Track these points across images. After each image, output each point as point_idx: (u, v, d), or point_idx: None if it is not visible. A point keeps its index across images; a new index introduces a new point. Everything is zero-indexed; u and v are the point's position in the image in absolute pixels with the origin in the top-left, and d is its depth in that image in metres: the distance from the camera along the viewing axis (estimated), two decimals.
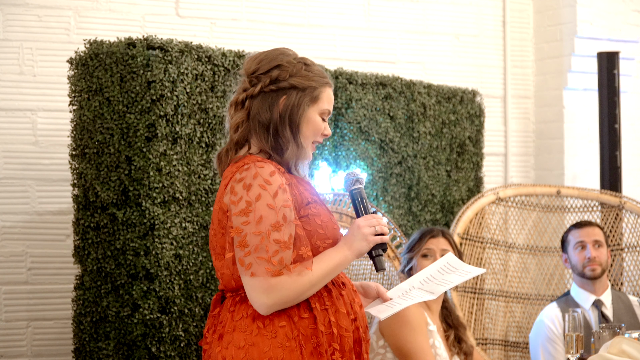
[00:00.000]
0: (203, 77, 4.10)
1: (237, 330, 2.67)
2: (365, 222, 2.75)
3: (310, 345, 2.66)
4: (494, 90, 6.00)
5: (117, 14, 4.90)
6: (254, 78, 2.76)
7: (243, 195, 2.62)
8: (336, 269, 2.71)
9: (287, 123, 2.74)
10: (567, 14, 5.94)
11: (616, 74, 5.42)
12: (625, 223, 5.17)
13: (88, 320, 4.07)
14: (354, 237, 2.73)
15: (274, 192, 2.63)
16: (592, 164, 5.95)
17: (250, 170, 2.65)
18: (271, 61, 2.76)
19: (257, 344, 2.64)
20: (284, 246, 2.61)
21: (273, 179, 2.64)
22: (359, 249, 2.73)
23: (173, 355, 3.96)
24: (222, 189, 2.70)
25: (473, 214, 5.02)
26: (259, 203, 2.61)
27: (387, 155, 4.89)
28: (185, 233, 4.03)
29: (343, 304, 2.74)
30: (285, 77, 2.75)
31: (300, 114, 2.75)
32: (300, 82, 2.75)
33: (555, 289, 5.16)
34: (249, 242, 2.60)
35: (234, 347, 2.65)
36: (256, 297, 2.62)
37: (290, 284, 2.62)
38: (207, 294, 4.07)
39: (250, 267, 2.60)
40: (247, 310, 2.68)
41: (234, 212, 2.63)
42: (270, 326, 2.65)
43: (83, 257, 4.09)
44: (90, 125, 4.05)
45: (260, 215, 2.60)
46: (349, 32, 5.53)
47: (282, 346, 2.63)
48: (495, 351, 5.00)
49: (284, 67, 2.76)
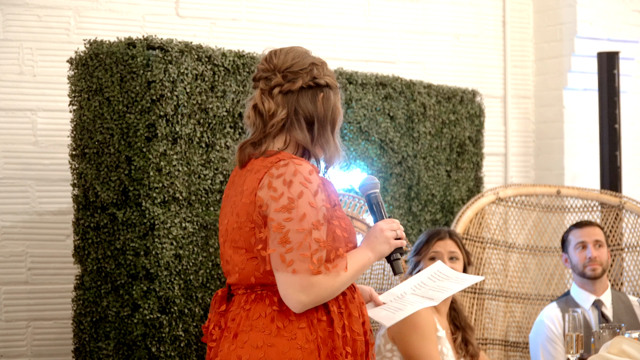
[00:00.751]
0: (203, 77, 4.10)
1: (254, 330, 2.65)
2: (387, 226, 2.78)
3: (327, 348, 2.66)
4: (494, 90, 6.00)
5: (117, 14, 4.90)
6: (290, 73, 2.74)
7: (284, 192, 2.61)
8: (361, 271, 2.73)
9: (329, 122, 2.75)
10: (567, 14, 5.94)
11: (616, 74, 5.42)
12: (625, 223, 5.17)
13: (88, 320, 4.07)
14: (377, 239, 2.76)
15: (314, 190, 2.63)
16: (592, 164, 5.95)
17: (289, 167, 2.63)
18: (305, 58, 2.76)
19: (276, 345, 2.63)
20: (323, 245, 2.62)
21: (312, 178, 2.64)
22: (381, 252, 2.77)
23: (173, 355, 3.96)
24: (255, 182, 2.67)
25: (473, 214, 5.02)
26: (301, 200, 2.60)
27: (387, 155, 4.89)
28: (185, 233, 4.03)
29: (355, 307, 2.75)
30: (321, 74, 2.75)
31: (338, 114, 2.78)
32: (332, 82, 2.78)
33: (555, 289, 5.16)
34: (292, 239, 2.59)
35: (250, 347, 2.64)
36: (293, 294, 2.61)
37: (327, 282, 2.63)
38: (207, 294, 4.07)
39: (292, 264, 2.59)
40: (264, 309, 2.66)
41: (275, 208, 2.60)
42: (289, 327, 2.64)
43: (83, 257, 4.09)
44: (90, 125, 4.05)
45: (303, 213, 2.60)
46: (349, 32, 5.53)
47: (301, 348, 2.63)
48: (495, 351, 5.00)
49: (317, 65, 2.76)
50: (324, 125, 2.75)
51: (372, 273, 4.35)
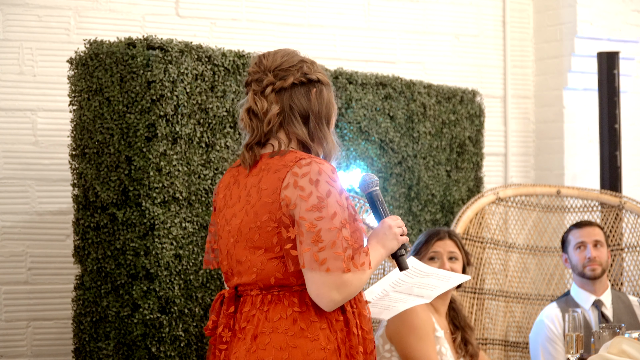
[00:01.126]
0: (203, 77, 4.10)
1: (275, 332, 2.65)
2: (394, 222, 2.80)
3: (345, 347, 2.68)
4: (494, 90, 6.00)
5: (117, 14, 4.90)
6: (281, 72, 2.74)
7: (313, 191, 2.61)
8: (376, 267, 2.76)
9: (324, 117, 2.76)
10: (567, 14, 5.94)
11: (616, 74, 5.42)
12: (625, 223, 5.17)
13: (88, 320, 4.07)
14: (386, 236, 2.78)
15: (339, 189, 2.65)
16: (592, 164, 5.95)
17: (312, 166, 2.64)
18: (294, 56, 2.77)
19: (300, 346, 2.63)
20: (351, 243, 2.64)
21: (336, 177, 2.66)
22: (391, 248, 2.79)
23: (173, 355, 3.96)
24: (276, 182, 2.65)
25: (473, 214, 5.02)
26: (330, 199, 2.61)
27: (387, 155, 4.89)
28: (185, 233, 4.03)
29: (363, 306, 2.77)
30: (312, 70, 2.76)
31: (332, 109, 2.79)
32: (323, 78, 2.78)
33: (555, 289, 5.16)
34: (324, 238, 2.59)
35: (273, 349, 2.63)
36: (327, 292, 2.62)
37: (356, 280, 2.64)
38: (207, 294, 4.07)
39: (326, 262, 2.59)
40: (285, 311, 2.66)
41: (306, 208, 2.60)
42: (311, 328, 2.65)
43: (83, 257, 4.09)
44: (90, 125, 4.05)
45: (334, 211, 2.61)
46: (349, 32, 5.53)
47: (323, 349, 2.64)
48: (495, 351, 5.00)
49: (306, 62, 2.77)
50: (319, 120, 2.75)
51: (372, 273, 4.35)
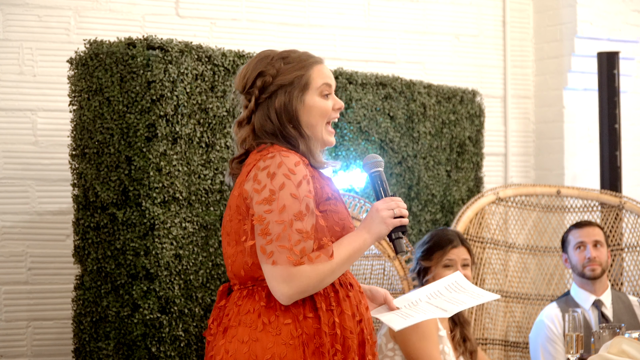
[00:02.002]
0: (203, 77, 4.10)
1: (242, 325, 2.68)
2: (384, 205, 2.74)
3: (313, 344, 2.67)
4: (494, 90, 6.00)
5: (117, 14, 4.90)
6: (247, 94, 2.79)
7: (267, 184, 2.63)
8: (356, 254, 2.71)
9: (286, 121, 2.75)
10: (567, 14, 5.94)
11: (616, 74, 5.42)
12: (625, 223, 5.17)
13: (88, 320, 4.07)
14: (372, 220, 2.73)
15: (297, 181, 2.64)
16: (592, 164, 5.95)
17: (274, 159, 2.65)
18: (252, 72, 2.78)
19: (261, 340, 2.65)
20: (307, 236, 2.62)
21: (297, 169, 2.65)
22: (378, 232, 2.73)
23: (173, 355, 3.96)
24: (244, 175, 2.70)
25: (473, 214, 5.02)
26: (283, 192, 2.62)
27: (387, 155, 4.89)
28: (185, 233, 4.03)
29: (349, 306, 2.74)
30: (270, 81, 2.76)
31: (295, 107, 2.75)
32: (285, 79, 2.76)
33: (555, 289, 5.16)
34: (271, 231, 2.61)
35: (237, 342, 2.66)
36: (277, 286, 2.62)
37: (310, 272, 2.62)
38: (207, 294, 4.07)
39: (272, 255, 2.61)
40: (253, 305, 2.68)
41: (257, 200, 2.63)
42: (275, 323, 2.66)
43: (83, 257, 4.09)
44: (90, 125, 4.05)
45: (283, 204, 2.61)
46: (349, 32, 5.53)
47: (285, 344, 2.64)
48: (495, 351, 5.00)
49: (264, 72, 2.76)
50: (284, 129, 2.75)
51: (372, 273, 4.35)
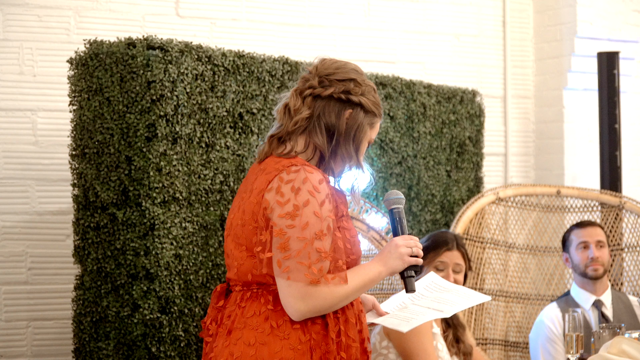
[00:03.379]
0: (203, 77, 4.10)
1: (247, 328, 2.67)
2: (403, 242, 2.79)
3: (320, 351, 2.67)
4: (494, 90, 6.00)
5: (117, 14, 4.90)
6: (327, 80, 2.78)
7: (291, 198, 2.62)
8: (369, 284, 2.73)
9: (352, 138, 2.78)
10: (567, 14, 5.94)
11: (616, 74, 5.42)
12: (625, 223, 5.17)
13: (88, 320, 4.07)
14: (391, 254, 2.77)
15: (321, 200, 2.64)
16: (592, 164, 5.95)
17: (299, 174, 2.65)
18: (348, 72, 2.80)
19: (269, 344, 2.64)
20: (325, 256, 2.63)
21: (322, 187, 2.66)
22: (394, 267, 2.77)
23: (173, 355, 3.96)
24: (264, 184, 2.68)
25: (473, 214, 5.02)
26: (307, 209, 2.62)
27: (387, 155, 4.89)
28: (185, 233, 4.03)
29: (352, 314, 2.75)
30: (357, 92, 2.78)
31: (363, 134, 2.80)
32: (367, 104, 2.80)
33: (555, 289, 5.16)
34: (291, 246, 2.61)
35: (243, 344, 2.65)
36: (292, 302, 2.62)
37: (327, 294, 2.63)
38: (207, 294, 4.07)
39: (289, 270, 2.60)
40: (259, 308, 2.68)
41: (279, 214, 2.62)
42: (283, 327, 2.66)
43: (83, 257, 4.09)
44: (90, 125, 4.05)
45: (307, 222, 2.61)
46: (349, 32, 5.53)
47: (293, 348, 2.64)
48: (495, 351, 5.00)
49: (357, 83, 2.80)
50: (345, 141, 2.77)
51: None
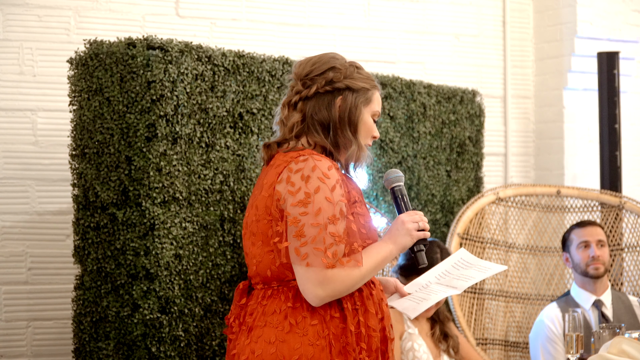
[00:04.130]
0: (203, 77, 4.10)
1: (268, 326, 2.71)
2: (409, 218, 2.83)
3: (339, 344, 2.71)
4: (494, 90, 6.00)
5: (117, 14, 4.90)
6: (308, 80, 2.83)
7: (302, 186, 2.67)
8: (382, 263, 2.78)
9: (347, 123, 2.81)
10: (567, 14, 5.94)
11: (616, 74, 5.42)
12: (625, 223, 5.17)
13: (88, 320, 4.07)
14: (399, 231, 2.81)
15: (332, 185, 2.68)
16: (592, 164, 5.95)
17: (308, 162, 2.70)
18: (325, 63, 2.84)
19: (288, 341, 2.68)
20: (339, 240, 2.67)
21: (331, 173, 2.70)
22: (404, 244, 2.81)
23: (173, 355, 3.96)
24: (274, 177, 2.73)
25: (473, 214, 5.02)
26: (318, 195, 2.66)
27: (387, 155, 4.89)
28: (185, 233, 4.03)
29: (372, 304, 2.78)
30: (340, 78, 2.82)
31: (358, 114, 2.83)
32: (354, 84, 2.83)
33: (555, 289, 5.16)
34: (306, 233, 2.65)
35: (264, 342, 2.70)
36: (311, 288, 2.66)
37: (344, 277, 2.68)
38: (207, 294, 4.08)
39: (307, 257, 2.65)
40: (280, 305, 2.72)
41: (292, 203, 2.67)
42: (302, 324, 2.70)
43: (83, 257, 4.09)
44: (90, 125, 4.05)
45: (319, 207, 2.65)
46: (349, 32, 5.53)
47: (312, 344, 2.68)
48: (495, 351, 5.00)
49: (337, 69, 2.83)
50: (340, 128, 2.81)
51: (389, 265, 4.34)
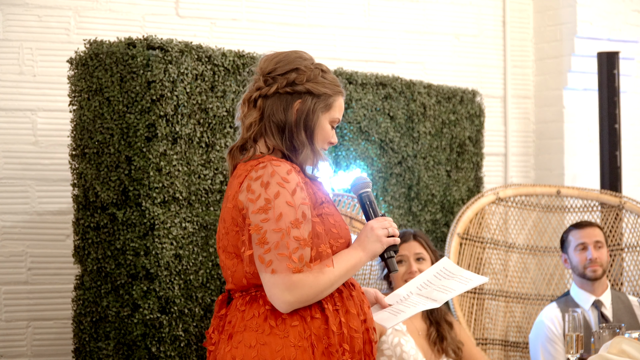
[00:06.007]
0: (203, 77, 4.10)
1: (247, 330, 2.68)
2: (378, 224, 2.79)
3: (321, 345, 2.68)
4: (494, 90, 6.00)
5: (117, 14, 4.90)
6: (270, 78, 2.77)
7: (261, 193, 2.63)
8: (352, 270, 2.74)
9: (302, 128, 2.76)
10: (567, 14, 5.94)
11: (616, 74, 5.42)
12: (625, 223, 5.17)
13: (88, 320, 4.07)
14: (368, 238, 2.77)
15: (292, 189, 2.65)
16: (592, 164, 5.95)
17: (267, 169, 2.66)
18: (289, 63, 2.78)
19: (269, 343, 2.65)
20: (304, 243, 2.64)
21: (290, 177, 2.66)
22: (373, 251, 2.78)
23: (173, 355, 3.96)
24: (236, 187, 2.70)
25: (473, 214, 5.02)
26: (278, 200, 2.62)
27: (387, 155, 4.89)
28: (185, 233, 4.03)
29: (353, 305, 2.76)
30: (302, 81, 2.76)
31: (315, 120, 2.77)
32: (316, 88, 2.77)
33: (555, 289, 5.16)
34: (269, 239, 2.61)
35: (244, 347, 2.66)
36: (278, 294, 2.63)
37: (312, 281, 2.64)
38: (207, 294, 4.08)
39: (271, 264, 2.61)
40: (258, 309, 2.69)
41: (253, 210, 2.63)
42: (282, 325, 2.66)
43: (83, 257, 4.09)
44: (90, 125, 4.05)
45: (280, 213, 2.62)
46: (349, 32, 5.53)
47: (294, 346, 2.65)
48: (495, 351, 5.00)
49: (301, 70, 2.77)
50: (294, 131, 2.75)
51: (372, 272, 4.34)
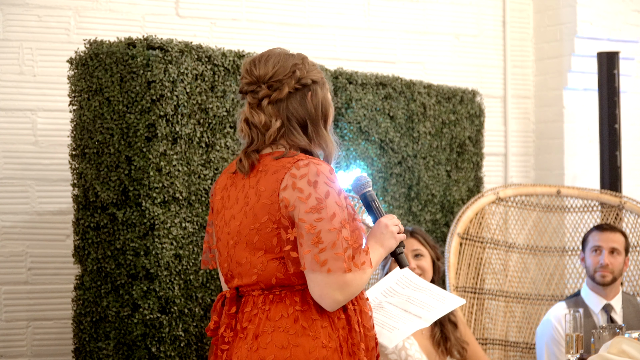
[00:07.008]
0: (203, 77, 4.10)
1: (277, 331, 2.67)
2: (390, 221, 2.83)
3: (347, 345, 2.70)
4: (494, 90, 6.00)
5: (117, 14, 4.90)
6: (274, 83, 2.74)
7: (311, 192, 2.62)
8: (376, 267, 2.79)
9: (321, 118, 2.77)
10: (567, 14, 5.94)
11: (616, 74, 5.42)
12: (625, 223, 5.17)
13: (88, 320, 4.07)
14: (384, 235, 2.81)
15: (338, 190, 2.66)
16: (592, 164, 5.95)
17: (310, 167, 2.65)
18: (286, 62, 2.76)
19: (302, 345, 2.65)
20: (351, 243, 2.66)
21: (334, 177, 2.68)
22: (390, 247, 2.82)
23: (173, 355, 3.96)
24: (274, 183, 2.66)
25: (473, 214, 5.02)
26: (329, 200, 2.63)
27: (387, 155, 4.89)
28: (185, 233, 4.03)
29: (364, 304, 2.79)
30: (304, 74, 2.76)
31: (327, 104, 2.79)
32: (317, 76, 2.78)
33: (555, 289, 5.16)
34: (324, 239, 2.61)
35: (275, 347, 2.65)
36: (330, 293, 2.64)
37: (358, 280, 2.67)
38: (207, 294, 4.07)
39: (326, 263, 2.61)
40: (286, 310, 2.68)
41: (305, 210, 2.62)
42: (313, 327, 2.67)
43: (83, 257, 4.09)
44: (90, 125, 4.05)
45: (333, 212, 2.62)
46: (349, 32, 5.53)
47: (325, 347, 2.66)
48: (495, 351, 5.00)
49: (298, 65, 2.77)
50: (316, 124, 2.76)
51: None
